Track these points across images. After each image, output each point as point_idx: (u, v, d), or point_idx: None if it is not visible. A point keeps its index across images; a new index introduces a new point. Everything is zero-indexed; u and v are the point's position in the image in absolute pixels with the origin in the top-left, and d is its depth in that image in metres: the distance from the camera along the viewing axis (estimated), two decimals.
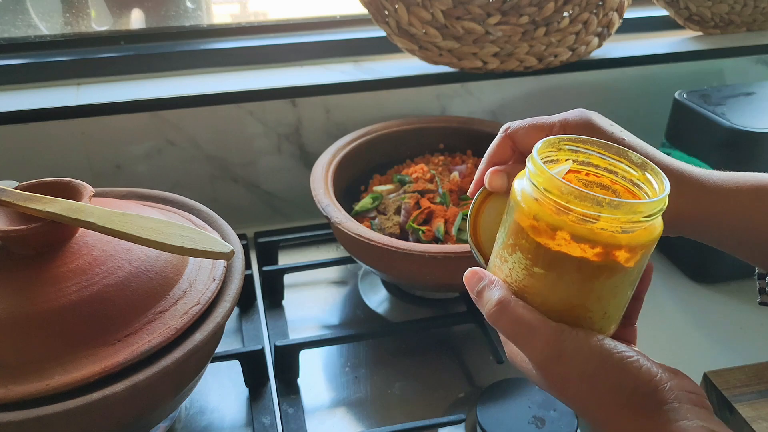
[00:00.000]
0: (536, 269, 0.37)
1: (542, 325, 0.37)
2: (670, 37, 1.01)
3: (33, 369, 0.44)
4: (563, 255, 0.36)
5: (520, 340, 0.38)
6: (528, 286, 0.38)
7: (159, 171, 0.85)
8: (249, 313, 0.75)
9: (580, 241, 0.35)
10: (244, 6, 0.98)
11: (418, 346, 0.71)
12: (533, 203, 0.37)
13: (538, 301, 0.38)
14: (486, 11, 0.86)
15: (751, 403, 0.61)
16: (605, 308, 0.38)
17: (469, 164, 0.80)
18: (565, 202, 0.35)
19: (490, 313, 0.39)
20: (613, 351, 0.36)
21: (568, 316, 0.38)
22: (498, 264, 0.41)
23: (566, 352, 0.36)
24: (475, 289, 0.41)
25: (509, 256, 0.39)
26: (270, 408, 0.62)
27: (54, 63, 0.84)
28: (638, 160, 0.39)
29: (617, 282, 0.37)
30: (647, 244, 0.36)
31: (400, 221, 0.71)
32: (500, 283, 0.40)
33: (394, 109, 0.89)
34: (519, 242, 0.38)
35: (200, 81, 0.86)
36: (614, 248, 0.35)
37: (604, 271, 0.36)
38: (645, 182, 0.38)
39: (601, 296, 0.37)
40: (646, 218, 0.35)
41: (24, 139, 0.79)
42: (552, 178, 0.35)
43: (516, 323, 0.38)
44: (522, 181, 0.38)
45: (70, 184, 0.51)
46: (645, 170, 0.39)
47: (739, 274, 0.81)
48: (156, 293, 0.49)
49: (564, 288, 0.37)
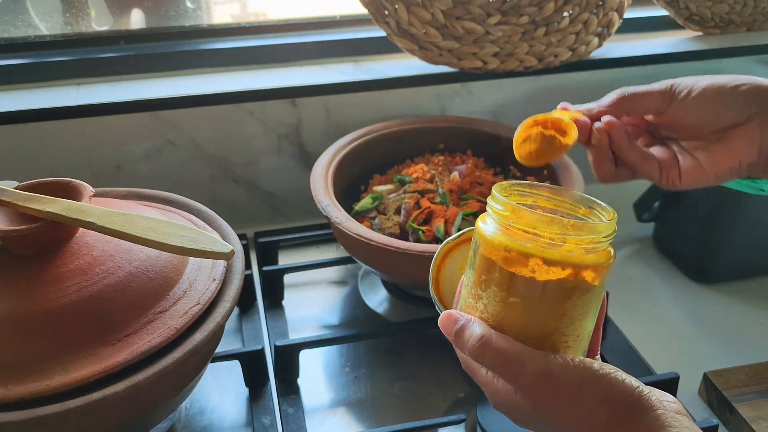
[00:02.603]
0: (512, 299, 0.40)
1: (527, 352, 0.39)
2: (670, 37, 1.01)
3: (33, 369, 0.44)
4: (537, 280, 0.39)
5: (507, 371, 0.39)
6: (505, 318, 0.41)
7: (159, 171, 0.85)
8: (249, 313, 0.75)
9: (552, 264, 0.38)
10: (244, 6, 0.98)
11: (418, 346, 0.71)
12: (502, 236, 0.40)
13: (516, 331, 0.40)
14: (486, 11, 0.86)
15: (751, 403, 0.61)
16: (578, 330, 0.41)
17: (469, 164, 0.80)
18: (533, 229, 0.38)
19: (473, 350, 0.40)
20: (595, 367, 0.38)
21: (546, 342, 0.40)
22: (471, 303, 0.43)
23: (553, 373, 0.38)
24: (452, 330, 0.42)
25: (483, 293, 0.41)
26: (270, 408, 0.62)
27: (54, 63, 0.84)
28: (580, 198, 0.43)
29: (586, 301, 0.40)
30: (608, 264, 0.40)
31: (400, 221, 0.71)
32: (477, 320, 0.41)
33: (394, 109, 0.89)
34: (492, 276, 0.40)
35: (200, 81, 0.86)
36: (582, 268, 0.39)
37: (575, 290, 0.39)
38: (591, 215, 0.42)
39: (573, 317, 0.40)
40: (605, 238, 0.39)
41: (24, 139, 0.79)
42: (518, 209, 0.39)
43: (501, 355, 0.39)
44: (487, 221, 0.42)
45: (70, 184, 0.52)
46: (588, 205, 0.43)
47: (739, 274, 0.81)
48: (156, 293, 0.49)
49: (540, 313, 0.40)
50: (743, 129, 0.48)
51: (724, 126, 0.49)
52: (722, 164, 0.49)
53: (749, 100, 0.48)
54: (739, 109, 0.48)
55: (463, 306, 0.44)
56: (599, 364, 0.39)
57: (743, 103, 0.48)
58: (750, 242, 0.78)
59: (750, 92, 0.48)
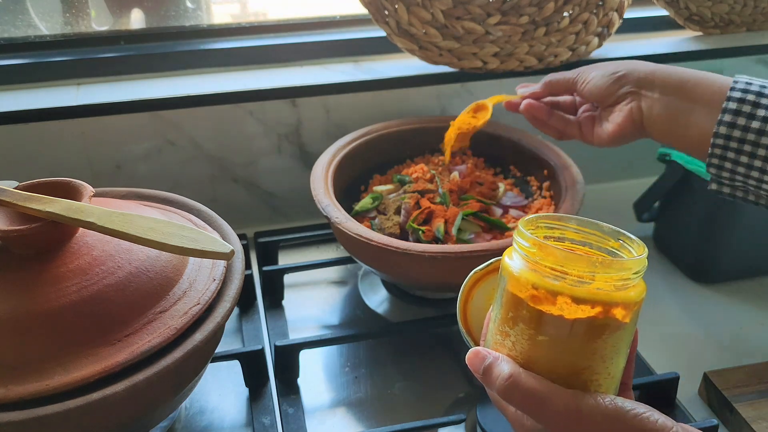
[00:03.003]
0: (541, 337, 0.39)
1: (556, 391, 0.38)
2: (670, 37, 1.01)
3: (33, 369, 0.44)
4: (566, 319, 0.38)
5: (536, 410, 0.39)
6: (534, 356, 0.40)
7: (159, 171, 0.85)
8: (249, 313, 0.75)
9: (581, 302, 0.37)
10: (244, 6, 0.98)
11: (418, 346, 0.71)
12: (529, 273, 0.39)
13: (546, 369, 0.39)
14: (486, 11, 0.86)
15: (751, 403, 0.61)
16: (609, 368, 0.39)
17: (469, 164, 0.80)
18: (561, 267, 0.37)
19: (501, 389, 0.40)
20: (627, 408, 0.38)
21: (576, 381, 0.39)
22: (499, 340, 0.42)
23: (583, 413, 0.38)
24: (480, 368, 0.41)
25: (510, 330, 0.40)
26: (270, 408, 0.63)
27: (54, 63, 0.84)
28: (609, 230, 0.42)
29: (617, 339, 0.39)
30: (639, 300, 0.39)
31: (400, 221, 0.71)
32: (505, 358, 0.41)
33: (394, 109, 0.89)
34: (519, 314, 0.39)
35: (200, 81, 0.86)
36: (612, 306, 0.38)
37: (605, 329, 0.38)
38: (620, 249, 0.41)
39: (604, 356, 0.39)
40: (635, 275, 0.38)
41: (24, 139, 0.79)
42: (545, 246, 0.38)
43: (530, 395, 0.39)
44: (513, 256, 0.40)
45: (70, 184, 0.52)
46: (618, 238, 0.41)
47: (739, 274, 0.81)
48: (156, 293, 0.49)
49: (570, 351, 0.39)
50: (621, 103, 0.64)
51: (610, 102, 0.65)
52: (615, 129, 0.64)
53: (622, 83, 0.63)
54: (616, 90, 0.64)
55: (490, 342, 0.43)
56: (631, 404, 0.38)
57: (618, 86, 0.63)
58: (750, 242, 0.78)
59: (622, 77, 0.63)
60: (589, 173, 0.79)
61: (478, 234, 0.70)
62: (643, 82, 0.62)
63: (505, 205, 0.76)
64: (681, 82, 0.60)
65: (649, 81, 0.62)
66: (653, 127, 0.62)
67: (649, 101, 0.62)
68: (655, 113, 0.61)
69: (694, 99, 0.58)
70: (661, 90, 0.61)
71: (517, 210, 0.75)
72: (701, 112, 0.58)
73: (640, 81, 0.62)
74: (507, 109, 0.74)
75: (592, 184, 0.94)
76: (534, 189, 0.80)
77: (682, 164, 0.77)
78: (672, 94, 0.60)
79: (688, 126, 0.59)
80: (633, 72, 0.63)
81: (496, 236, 0.71)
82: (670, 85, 0.60)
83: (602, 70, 0.65)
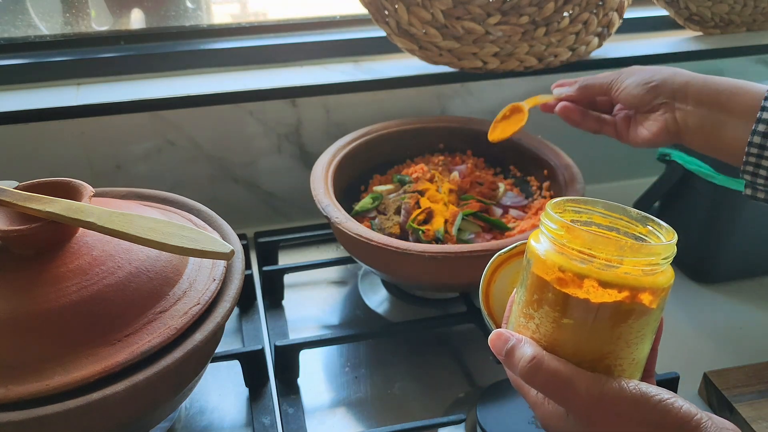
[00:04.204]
0: (566, 320, 0.39)
1: (580, 374, 0.38)
2: (670, 37, 1.01)
3: (33, 369, 0.44)
4: (592, 302, 0.37)
5: (559, 394, 0.39)
6: (558, 339, 0.39)
7: (159, 171, 0.85)
8: (249, 313, 0.75)
9: (608, 286, 0.37)
10: (244, 6, 0.98)
11: (418, 346, 0.71)
12: (556, 256, 0.38)
13: (570, 352, 0.39)
14: (486, 11, 0.86)
15: (751, 403, 0.61)
16: (633, 354, 0.39)
17: (469, 164, 0.81)
18: (589, 250, 0.37)
19: (524, 371, 0.40)
20: (652, 393, 0.38)
21: (600, 365, 0.39)
22: (523, 322, 0.41)
23: (607, 398, 0.37)
24: (503, 349, 0.41)
25: (535, 312, 0.40)
26: (270, 408, 0.63)
27: (54, 63, 0.84)
28: (638, 216, 0.41)
29: (643, 325, 0.38)
30: (666, 287, 0.38)
31: (400, 221, 0.71)
32: (528, 340, 0.41)
33: (394, 109, 0.89)
34: (545, 296, 0.39)
35: (200, 81, 0.86)
36: (639, 291, 0.37)
37: (631, 314, 0.38)
38: (648, 234, 0.41)
39: (629, 341, 0.39)
40: (664, 260, 0.38)
41: (24, 139, 0.79)
42: (573, 229, 0.38)
43: (553, 377, 0.39)
44: (540, 239, 0.40)
45: (70, 184, 0.51)
46: (646, 224, 0.41)
47: (739, 274, 0.81)
48: (156, 293, 0.49)
49: (595, 336, 0.38)
50: (656, 113, 0.65)
51: (645, 110, 0.66)
52: (650, 136, 0.66)
53: (656, 93, 0.64)
54: (651, 100, 0.64)
55: (514, 324, 0.43)
56: (656, 389, 0.38)
57: (652, 96, 0.64)
58: (750, 242, 0.78)
59: (656, 87, 0.64)
60: (589, 173, 0.79)
61: (478, 234, 0.71)
62: (677, 94, 0.62)
63: (505, 205, 0.76)
64: (715, 94, 0.60)
65: (683, 93, 0.62)
66: (688, 138, 0.63)
67: (683, 113, 0.62)
68: (690, 125, 0.62)
69: (729, 110, 0.59)
70: (695, 102, 0.61)
71: (517, 210, 0.75)
72: (736, 123, 0.58)
73: (674, 93, 0.63)
74: (542, 111, 0.75)
75: (592, 184, 0.95)
76: (534, 189, 0.80)
77: (682, 164, 0.77)
78: (706, 106, 0.60)
79: (724, 137, 0.59)
80: (667, 82, 0.63)
81: (496, 236, 0.71)
82: (705, 97, 0.61)
83: (637, 78, 0.66)
